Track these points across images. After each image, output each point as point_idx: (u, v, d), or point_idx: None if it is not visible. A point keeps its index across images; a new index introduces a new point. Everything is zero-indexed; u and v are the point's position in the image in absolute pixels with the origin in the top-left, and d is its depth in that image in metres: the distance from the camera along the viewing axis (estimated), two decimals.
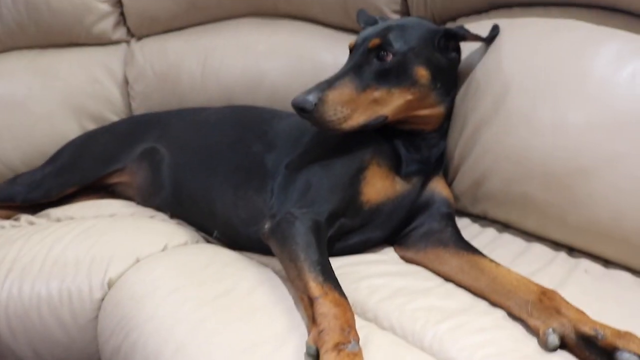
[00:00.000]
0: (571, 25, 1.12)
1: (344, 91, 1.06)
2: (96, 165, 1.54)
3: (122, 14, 1.84)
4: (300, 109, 1.05)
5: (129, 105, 1.82)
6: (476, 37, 1.17)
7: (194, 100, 1.68)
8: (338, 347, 0.78)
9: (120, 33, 1.86)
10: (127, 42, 1.87)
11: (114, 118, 1.80)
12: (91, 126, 1.78)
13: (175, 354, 0.87)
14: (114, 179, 1.53)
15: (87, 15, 1.80)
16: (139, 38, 1.86)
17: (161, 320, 0.95)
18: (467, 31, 1.17)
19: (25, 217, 1.45)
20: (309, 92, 1.05)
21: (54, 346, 1.13)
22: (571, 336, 0.81)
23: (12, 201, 1.53)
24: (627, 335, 0.78)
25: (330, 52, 1.57)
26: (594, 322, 0.81)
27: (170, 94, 1.73)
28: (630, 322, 0.82)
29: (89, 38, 1.85)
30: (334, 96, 1.05)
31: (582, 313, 0.83)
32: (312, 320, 0.84)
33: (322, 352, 0.78)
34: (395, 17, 1.48)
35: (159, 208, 1.44)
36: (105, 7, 1.80)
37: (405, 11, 1.49)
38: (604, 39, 1.06)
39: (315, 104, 1.04)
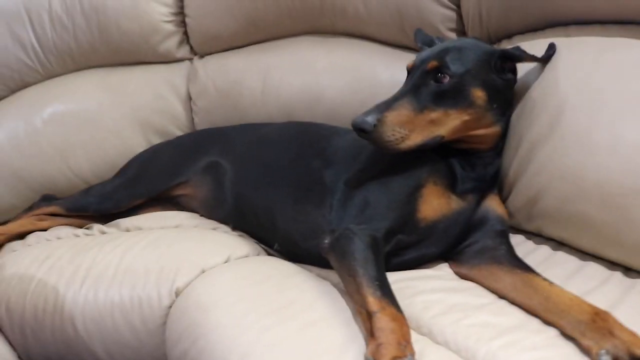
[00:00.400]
0: (629, 43, 1.12)
1: (402, 112, 1.10)
2: (162, 178, 1.62)
3: (185, 33, 1.93)
4: (360, 129, 1.09)
5: (192, 120, 1.90)
6: (533, 58, 1.19)
7: (254, 116, 1.75)
8: None
9: (184, 51, 1.95)
10: (190, 59, 1.96)
11: (178, 132, 1.88)
12: (157, 140, 1.87)
13: None
14: (179, 191, 1.61)
15: (153, 35, 1.89)
16: (202, 56, 1.94)
17: (226, 329, 1.01)
18: (523, 52, 1.18)
19: (97, 227, 1.55)
20: (368, 113, 1.09)
21: (125, 348, 1.21)
22: (624, 358, 0.81)
23: (84, 211, 1.63)
24: None
25: (387, 69, 1.60)
26: None
27: (232, 110, 1.80)
28: None
29: (155, 56, 1.94)
30: (393, 117, 1.09)
31: (636, 335, 0.84)
32: (370, 333, 0.88)
33: None
34: (451, 36, 1.51)
35: (221, 220, 1.50)
36: (170, 27, 1.89)
37: (461, 29, 1.52)
38: None
39: (375, 125, 1.08)
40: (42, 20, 1.91)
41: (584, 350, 0.86)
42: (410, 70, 1.19)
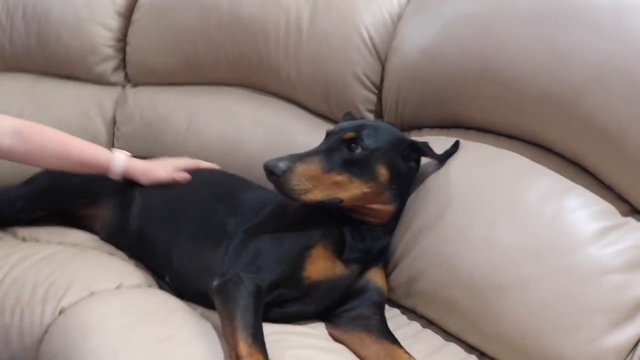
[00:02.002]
0: (514, 157, 1.27)
1: (311, 167, 1.19)
2: (70, 195, 1.61)
3: (123, 60, 1.98)
4: (270, 171, 1.17)
5: (112, 145, 1.92)
6: (434, 156, 1.31)
7: (175, 153, 1.74)
8: None
9: (118, 77, 1.99)
10: (123, 86, 2.00)
11: None
12: None
13: None
14: (84, 211, 1.61)
15: (91, 55, 1.94)
16: (135, 85, 1.98)
17: (104, 353, 1.02)
18: (429, 149, 1.30)
19: None
20: (281, 159, 1.18)
21: None
22: None
23: None
24: None
25: (306, 134, 1.67)
26: None
27: (154, 143, 1.83)
28: None
29: (89, 75, 1.98)
30: (302, 169, 1.18)
31: None
32: None
33: None
34: (369, 116, 1.62)
35: (120, 246, 1.51)
36: (109, 51, 1.95)
37: (378, 111, 1.63)
38: (538, 175, 1.21)
39: (284, 171, 1.16)
40: None
41: None
42: (328, 135, 1.29)
